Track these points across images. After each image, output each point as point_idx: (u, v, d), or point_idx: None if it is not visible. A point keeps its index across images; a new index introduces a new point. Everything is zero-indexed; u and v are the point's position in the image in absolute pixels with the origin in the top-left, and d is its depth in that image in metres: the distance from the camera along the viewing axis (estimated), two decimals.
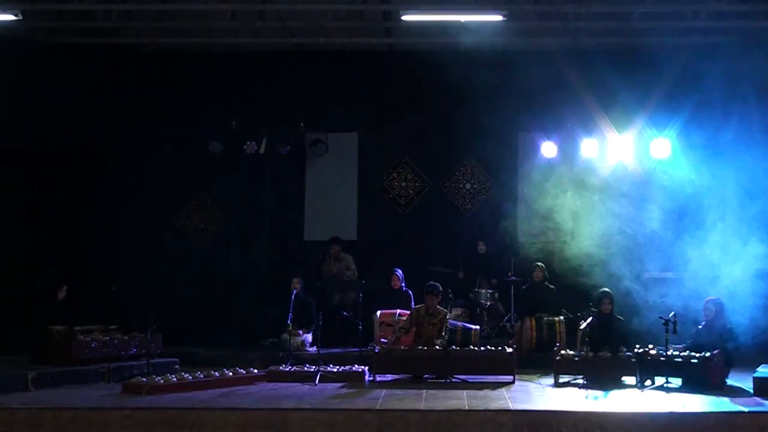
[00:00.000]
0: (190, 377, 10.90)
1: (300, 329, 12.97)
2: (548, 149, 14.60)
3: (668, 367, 10.89)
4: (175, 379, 10.84)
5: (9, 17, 12.63)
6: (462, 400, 10.04)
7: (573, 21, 13.52)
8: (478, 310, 14.04)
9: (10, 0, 12.62)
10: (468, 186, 15.30)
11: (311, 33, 14.41)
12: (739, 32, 13.89)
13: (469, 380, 11.33)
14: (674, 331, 11.10)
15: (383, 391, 10.64)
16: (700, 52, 14.22)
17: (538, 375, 11.82)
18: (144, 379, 10.68)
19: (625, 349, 11.45)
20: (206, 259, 15.04)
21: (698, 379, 10.71)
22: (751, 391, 10.46)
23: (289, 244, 14.90)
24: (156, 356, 11.64)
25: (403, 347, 11.92)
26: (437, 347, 11.62)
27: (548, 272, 13.68)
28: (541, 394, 10.52)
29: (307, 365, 11.87)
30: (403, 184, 15.32)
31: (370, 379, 11.51)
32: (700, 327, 11.53)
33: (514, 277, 14.15)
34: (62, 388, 10.77)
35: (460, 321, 13.32)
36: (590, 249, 13.29)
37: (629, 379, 11.15)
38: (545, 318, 13.05)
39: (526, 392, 10.66)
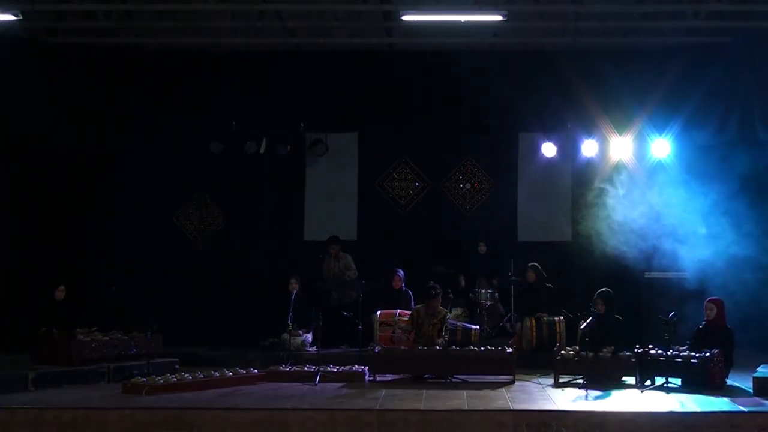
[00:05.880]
0: (190, 377, 10.90)
1: (300, 329, 12.98)
2: (548, 149, 14.61)
3: (668, 367, 10.89)
4: (175, 379, 10.85)
5: (9, 17, 12.62)
6: (462, 400, 10.05)
7: (573, 21, 13.51)
8: (478, 310, 14.04)
9: (10, 0, 12.62)
10: (468, 186, 15.29)
11: (311, 33, 14.41)
12: (739, 32, 13.87)
13: (469, 380, 11.33)
14: (674, 331, 11.11)
15: (383, 391, 10.64)
16: (700, 52, 14.22)
17: (538, 375, 11.81)
18: (144, 379, 10.68)
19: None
20: (206, 259, 15.04)
21: (698, 379, 10.70)
22: (751, 391, 10.46)
23: (289, 244, 14.89)
24: (156, 356, 11.63)
25: (403, 347, 11.93)
26: (437, 347, 11.63)
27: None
28: (541, 394, 10.52)
29: (307, 365, 11.88)
30: (403, 184, 15.32)
31: (370, 379, 11.52)
32: (700, 327, 11.53)
33: (514, 277, 14.15)
34: (62, 388, 10.77)
35: (460, 321, 13.33)
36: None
37: (629, 379, 11.16)
38: (545, 318, 13.06)
39: (526, 392, 10.66)
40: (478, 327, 13.10)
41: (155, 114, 14.66)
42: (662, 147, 14.31)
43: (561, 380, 11.30)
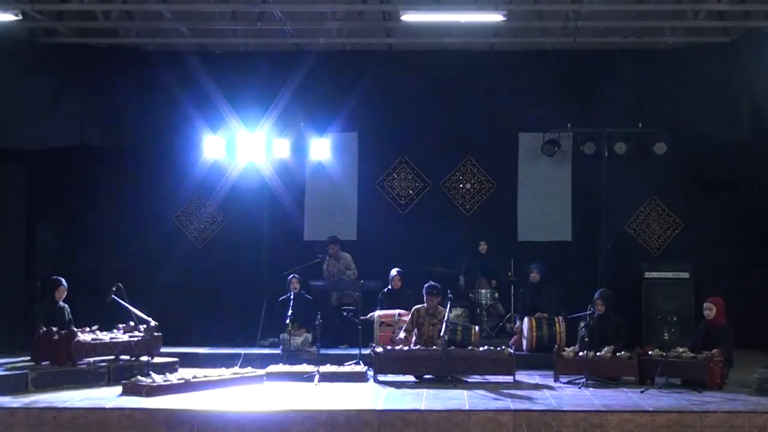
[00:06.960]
0: (190, 377, 10.89)
1: (300, 329, 12.98)
2: (548, 149, 14.59)
3: (668, 367, 10.89)
4: (175, 379, 10.85)
5: (9, 17, 12.61)
6: (462, 400, 10.05)
7: (573, 21, 13.51)
8: (478, 310, 14.03)
9: (10, 0, 12.62)
10: (468, 186, 15.27)
11: (311, 33, 14.40)
12: (739, 32, 13.87)
13: (469, 380, 11.33)
14: (674, 331, 11.12)
15: (383, 391, 10.66)
16: (699, 52, 14.22)
17: (538, 375, 11.82)
18: (144, 379, 10.68)
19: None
20: (206, 259, 15.04)
21: (698, 379, 10.72)
22: (751, 391, 10.47)
23: (289, 244, 14.88)
24: (156, 356, 11.63)
25: (403, 347, 11.92)
26: (437, 347, 11.62)
27: None
28: (541, 394, 10.52)
29: (307, 365, 11.87)
30: (403, 183, 15.31)
31: (370, 379, 11.52)
32: (700, 327, 11.54)
33: (514, 277, 14.15)
34: (62, 388, 10.77)
35: (460, 321, 13.32)
36: None
37: (629, 379, 11.16)
38: (545, 318, 13.06)
39: (526, 392, 10.65)
40: (477, 327, 13.06)
41: (155, 114, 14.64)
42: (661, 146, 14.27)
43: (561, 380, 11.32)
